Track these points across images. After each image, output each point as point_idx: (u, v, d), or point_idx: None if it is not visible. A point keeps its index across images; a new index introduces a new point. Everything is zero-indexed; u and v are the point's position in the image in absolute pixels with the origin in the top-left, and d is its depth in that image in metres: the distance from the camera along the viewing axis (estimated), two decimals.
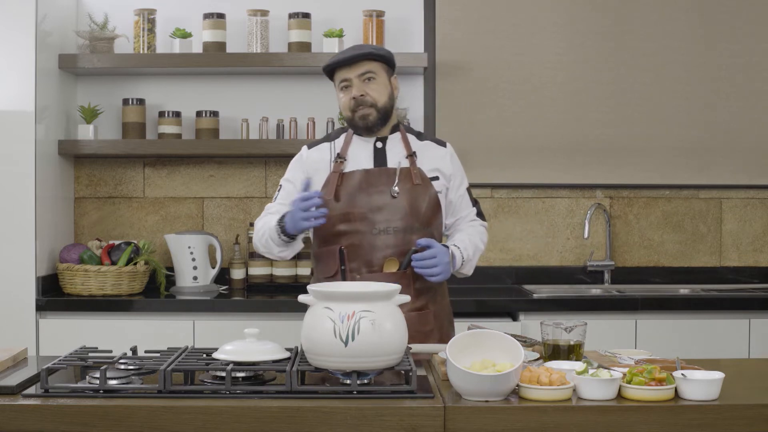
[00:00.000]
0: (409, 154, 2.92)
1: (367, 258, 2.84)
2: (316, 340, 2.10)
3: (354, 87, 2.87)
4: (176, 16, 4.22)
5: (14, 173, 3.74)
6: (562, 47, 4.25)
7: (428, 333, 2.85)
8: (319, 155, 2.96)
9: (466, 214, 3.03)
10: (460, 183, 3.02)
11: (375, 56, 2.89)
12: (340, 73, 2.90)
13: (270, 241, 2.87)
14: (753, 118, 4.28)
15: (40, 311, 3.71)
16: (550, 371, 2.07)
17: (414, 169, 2.90)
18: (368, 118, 2.88)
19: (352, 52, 2.88)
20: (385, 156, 2.93)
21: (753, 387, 2.23)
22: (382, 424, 1.97)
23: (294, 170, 3.00)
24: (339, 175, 2.88)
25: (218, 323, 3.70)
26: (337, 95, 2.93)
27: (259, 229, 2.93)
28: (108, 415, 1.99)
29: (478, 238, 2.99)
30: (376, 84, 2.88)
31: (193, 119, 4.18)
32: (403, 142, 2.95)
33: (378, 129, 2.92)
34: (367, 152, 2.93)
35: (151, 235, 4.24)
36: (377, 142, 2.94)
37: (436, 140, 3.04)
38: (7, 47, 3.72)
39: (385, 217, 2.84)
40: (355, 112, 2.88)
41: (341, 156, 2.92)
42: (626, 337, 3.70)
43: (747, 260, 4.33)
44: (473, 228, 3.01)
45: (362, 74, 2.87)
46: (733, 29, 4.27)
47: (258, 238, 2.93)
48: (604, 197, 4.31)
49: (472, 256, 2.95)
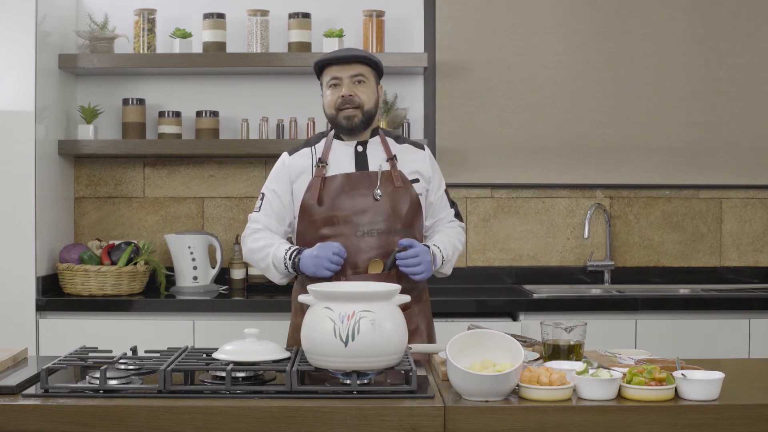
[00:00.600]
0: (389, 158, 2.95)
1: (352, 260, 2.85)
2: (316, 340, 2.10)
3: (344, 86, 2.89)
4: (176, 16, 4.22)
5: (14, 173, 3.74)
6: (562, 47, 4.25)
7: (414, 332, 2.87)
8: (301, 160, 2.97)
9: (445, 215, 3.08)
10: (438, 185, 3.06)
11: (368, 61, 2.93)
12: (332, 71, 2.91)
13: (273, 269, 2.90)
14: (753, 118, 4.28)
15: (40, 311, 3.71)
16: (550, 371, 2.07)
17: (395, 172, 2.93)
18: (353, 119, 2.90)
19: (347, 52, 2.92)
20: (366, 159, 2.94)
21: (753, 387, 2.23)
22: (382, 424, 1.97)
23: (277, 179, 3.00)
24: (321, 180, 2.90)
25: (218, 323, 3.70)
26: (323, 92, 2.95)
27: (256, 250, 2.93)
28: (108, 415, 1.99)
29: (456, 239, 3.04)
30: (365, 87, 2.91)
31: (193, 119, 4.18)
32: (383, 146, 2.98)
33: (359, 132, 2.94)
34: (348, 156, 2.95)
35: (151, 235, 4.24)
36: (358, 146, 2.96)
37: (414, 143, 3.07)
38: (7, 47, 3.72)
39: (369, 219, 2.87)
40: (340, 110, 2.90)
41: (323, 161, 2.93)
42: (626, 337, 3.70)
43: (747, 260, 4.33)
44: (452, 229, 3.06)
45: (354, 75, 2.90)
46: (733, 29, 4.27)
47: (254, 260, 2.95)
48: (604, 197, 4.31)
49: (452, 256, 2.99)
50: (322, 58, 2.93)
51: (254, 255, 2.94)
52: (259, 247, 2.93)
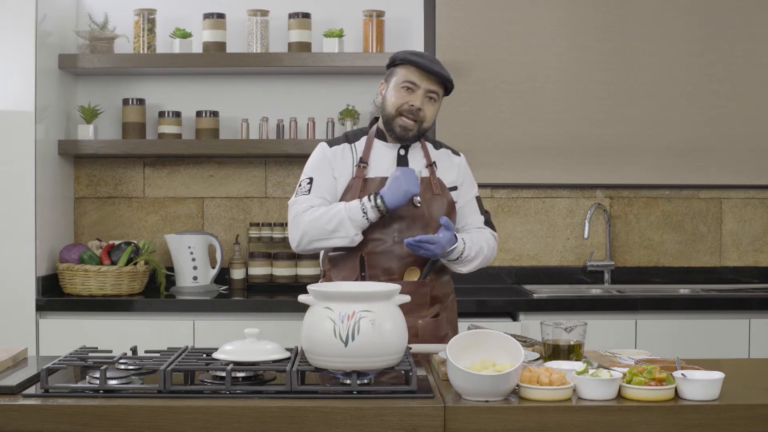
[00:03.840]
0: (429, 164, 2.92)
1: (386, 265, 2.84)
2: (316, 340, 2.10)
3: (418, 97, 2.83)
4: (176, 16, 4.22)
5: (14, 173, 3.74)
6: (562, 47, 4.25)
7: (443, 338, 2.85)
8: (340, 154, 2.91)
9: (473, 220, 3.01)
10: (467, 190, 3.01)
11: (448, 82, 2.88)
12: (411, 73, 2.84)
13: (347, 223, 2.76)
14: (753, 118, 4.28)
15: (40, 311, 3.71)
16: (550, 371, 2.07)
17: (434, 179, 2.91)
18: (408, 131, 2.86)
19: (437, 67, 2.84)
20: (407, 164, 2.91)
21: (753, 387, 2.23)
22: (382, 424, 1.97)
23: (319, 167, 2.90)
24: (362, 181, 2.86)
25: (218, 323, 3.70)
26: (388, 88, 2.88)
27: (319, 216, 2.79)
28: (108, 415, 1.99)
29: (485, 242, 2.96)
30: (432, 106, 2.87)
31: (193, 119, 4.18)
32: (423, 151, 2.95)
33: (408, 143, 2.91)
34: (389, 158, 2.91)
35: (151, 235, 4.24)
36: (401, 149, 2.92)
37: (451, 149, 3.04)
38: (7, 47, 3.72)
39: (406, 225, 2.84)
40: (401, 115, 2.85)
41: (363, 161, 2.89)
42: (626, 337, 3.70)
43: (747, 260, 4.33)
44: (481, 233, 2.98)
45: (430, 90, 2.85)
46: (733, 29, 4.27)
47: (319, 226, 2.79)
48: (604, 197, 4.31)
49: (474, 256, 2.92)
50: (411, 58, 2.84)
51: (319, 221, 2.79)
52: (324, 212, 2.80)
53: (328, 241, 2.82)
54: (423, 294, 2.87)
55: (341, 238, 2.80)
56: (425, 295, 2.88)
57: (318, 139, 4.14)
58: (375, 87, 4.19)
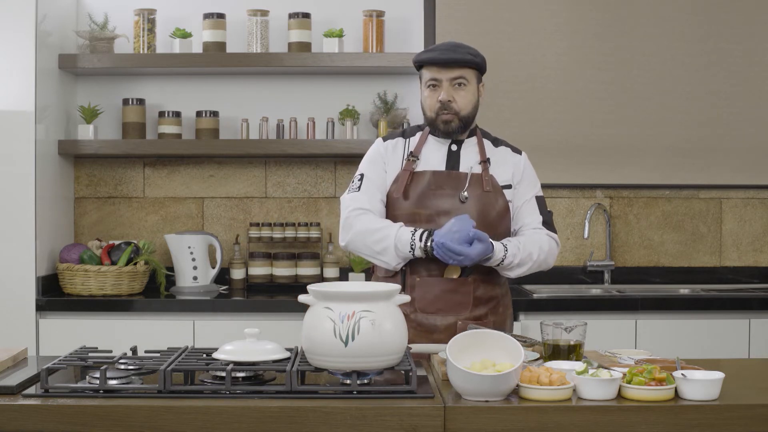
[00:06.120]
0: (482, 160, 2.87)
1: (428, 262, 2.79)
2: (316, 340, 2.10)
3: (443, 90, 2.79)
4: (176, 16, 4.22)
5: (14, 173, 3.74)
6: (562, 47, 4.25)
7: None
8: (392, 148, 2.91)
9: (530, 221, 2.90)
10: (526, 190, 2.93)
11: (471, 63, 2.80)
12: (431, 70, 2.81)
13: (392, 250, 2.75)
14: (753, 118, 4.28)
15: (40, 311, 3.71)
16: (550, 371, 2.07)
17: (486, 175, 2.85)
18: (450, 125, 2.82)
19: (449, 54, 2.78)
20: (459, 159, 2.88)
21: (753, 387, 2.23)
22: (382, 424, 1.97)
23: (374, 161, 2.90)
24: (410, 174, 2.84)
25: (218, 323, 3.70)
26: (421, 91, 2.86)
27: (371, 231, 2.77)
28: (108, 415, 1.99)
29: (536, 246, 2.84)
30: (465, 91, 2.81)
31: (193, 119, 4.18)
32: (479, 147, 2.90)
33: (457, 135, 2.87)
34: (440, 154, 2.88)
35: (151, 235, 4.24)
36: (452, 144, 2.89)
37: (511, 146, 2.98)
38: (7, 47, 3.72)
39: None
40: (438, 115, 2.82)
41: (414, 155, 2.87)
42: (626, 337, 3.70)
43: (747, 260, 4.33)
44: (536, 235, 2.88)
45: (454, 78, 2.79)
46: (733, 29, 4.27)
47: (365, 242, 2.78)
48: (604, 197, 4.31)
49: (520, 262, 2.81)
50: (423, 58, 2.82)
51: (368, 237, 2.77)
52: (376, 228, 2.77)
53: (371, 258, 2.82)
54: (464, 293, 2.80)
55: (383, 262, 2.80)
56: (467, 294, 2.81)
57: (318, 139, 4.14)
58: (375, 87, 4.21)
